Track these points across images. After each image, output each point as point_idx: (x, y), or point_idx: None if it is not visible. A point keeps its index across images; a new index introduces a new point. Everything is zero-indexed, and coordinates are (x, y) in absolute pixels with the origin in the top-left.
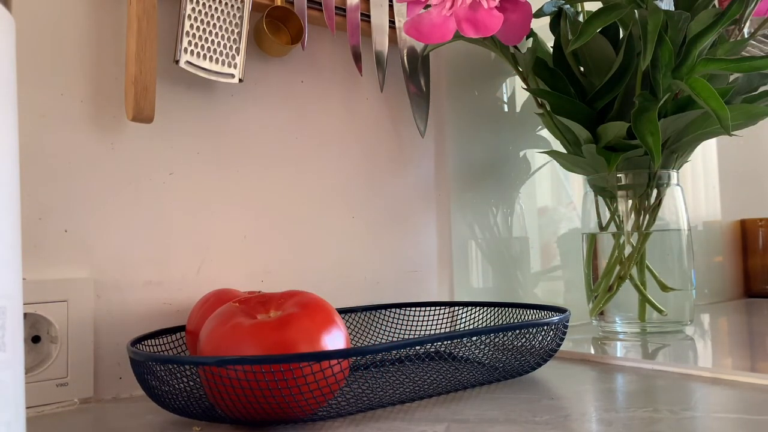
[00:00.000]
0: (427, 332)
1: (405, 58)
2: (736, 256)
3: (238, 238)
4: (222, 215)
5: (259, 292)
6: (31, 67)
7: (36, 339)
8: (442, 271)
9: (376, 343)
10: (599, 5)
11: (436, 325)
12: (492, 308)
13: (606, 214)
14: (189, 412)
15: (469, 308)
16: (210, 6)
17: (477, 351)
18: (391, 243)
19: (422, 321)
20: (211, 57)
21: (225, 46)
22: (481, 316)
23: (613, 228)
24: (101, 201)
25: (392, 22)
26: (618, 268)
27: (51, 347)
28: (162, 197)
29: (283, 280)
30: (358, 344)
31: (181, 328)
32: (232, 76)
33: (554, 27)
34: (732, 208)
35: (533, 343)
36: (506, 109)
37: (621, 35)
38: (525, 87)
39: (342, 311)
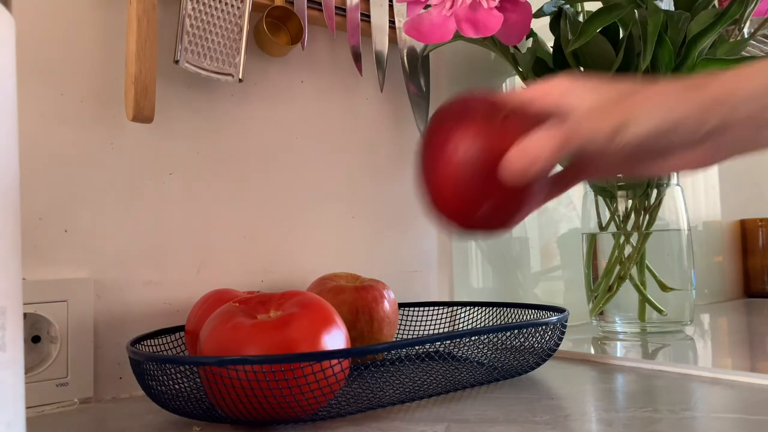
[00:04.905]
0: (427, 332)
1: (405, 58)
2: (736, 256)
3: (237, 238)
4: (222, 215)
5: (259, 292)
6: (31, 67)
7: (36, 339)
8: (442, 271)
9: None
10: (599, 5)
11: (436, 325)
12: (492, 308)
13: (606, 214)
14: (189, 412)
15: (469, 308)
16: (210, 6)
17: (476, 351)
18: (391, 243)
19: (422, 321)
20: (211, 57)
21: (225, 45)
22: (480, 316)
23: (613, 228)
24: (101, 201)
25: (392, 22)
26: (618, 268)
27: (51, 347)
28: (162, 197)
29: (283, 280)
30: None
31: (181, 328)
32: (232, 75)
33: (554, 27)
34: (732, 208)
35: (532, 342)
36: None
37: (621, 35)
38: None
39: None
